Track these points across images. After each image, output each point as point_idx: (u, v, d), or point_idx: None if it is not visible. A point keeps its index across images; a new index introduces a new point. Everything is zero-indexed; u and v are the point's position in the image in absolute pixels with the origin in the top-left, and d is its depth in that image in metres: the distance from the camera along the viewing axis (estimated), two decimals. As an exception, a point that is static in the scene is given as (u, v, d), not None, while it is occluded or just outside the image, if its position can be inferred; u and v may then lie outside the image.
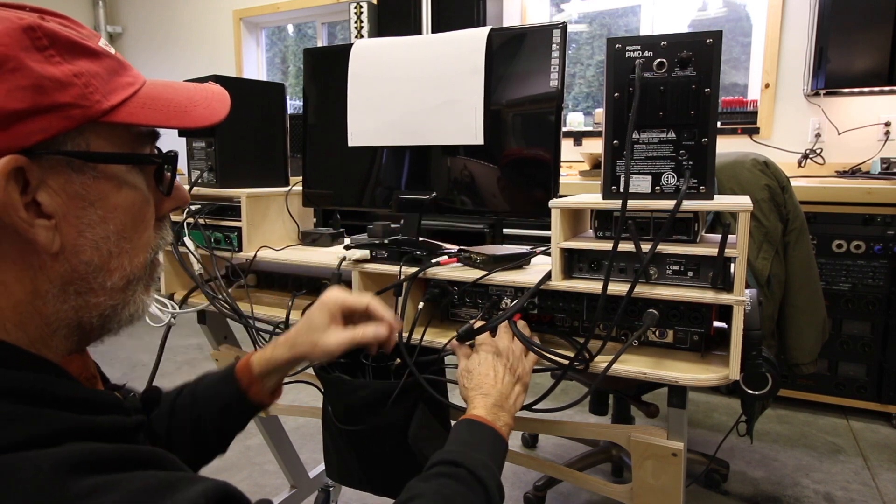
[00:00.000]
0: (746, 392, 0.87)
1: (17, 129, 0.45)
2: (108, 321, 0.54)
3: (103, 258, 0.52)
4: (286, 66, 4.78)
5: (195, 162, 1.37)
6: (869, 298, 2.26)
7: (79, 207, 0.50)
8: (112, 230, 0.52)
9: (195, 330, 1.59)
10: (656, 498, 0.94)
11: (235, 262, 1.29)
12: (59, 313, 0.51)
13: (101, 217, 0.51)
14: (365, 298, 0.90)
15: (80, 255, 0.50)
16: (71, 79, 0.48)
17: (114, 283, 0.53)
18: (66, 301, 0.51)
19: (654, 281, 0.89)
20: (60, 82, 0.47)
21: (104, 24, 4.90)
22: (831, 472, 2.00)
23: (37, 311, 0.50)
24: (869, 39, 2.53)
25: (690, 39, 0.83)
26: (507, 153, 1.10)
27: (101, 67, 0.51)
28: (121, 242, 0.53)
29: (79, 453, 0.42)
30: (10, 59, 0.44)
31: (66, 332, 0.52)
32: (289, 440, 1.72)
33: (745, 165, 1.61)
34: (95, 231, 0.51)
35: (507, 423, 0.81)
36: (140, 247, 0.55)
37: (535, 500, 1.81)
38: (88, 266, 0.51)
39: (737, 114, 3.07)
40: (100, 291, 0.52)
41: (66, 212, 0.49)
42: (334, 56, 1.26)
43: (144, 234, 0.56)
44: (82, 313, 0.52)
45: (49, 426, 0.43)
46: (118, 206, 0.52)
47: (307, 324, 0.87)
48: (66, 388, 0.48)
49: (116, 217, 0.52)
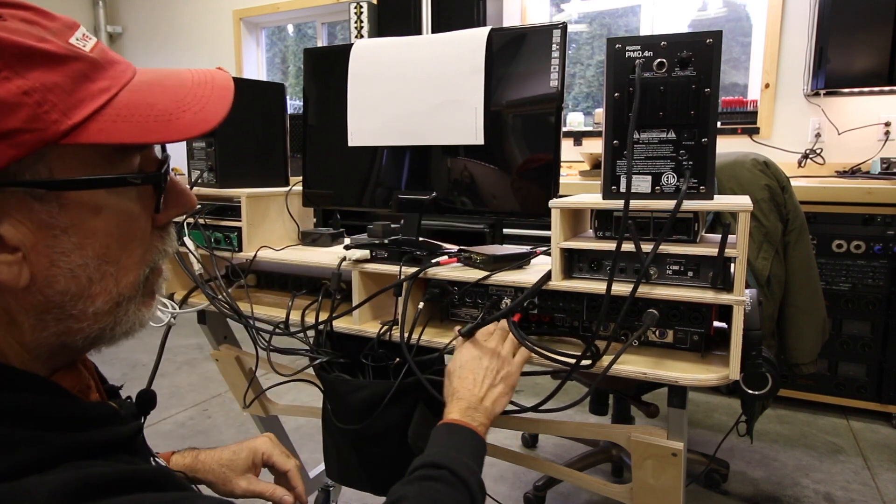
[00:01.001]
0: (746, 392, 0.87)
1: None
2: (96, 341, 0.51)
3: (82, 286, 0.47)
4: (286, 66, 4.78)
5: (195, 162, 1.37)
6: (869, 298, 2.26)
7: (49, 237, 0.45)
8: (91, 255, 0.47)
9: (195, 330, 1.59)
10: (656, 498, 0.94)
11: (235, 262, 1.29)
12: (40, 340, 0.47)
13: (77, 244, 0.46)
14: (290, 464, 0.92)
15: (54, 285, 0.46)
16: (19, 98, 0.41)
17: (97, 308, 0.49)
18: (46, 329, 0.47)
19: (654, 281, 0.89)
20: (5, 104, 0.40)
21: (104, 24, 4.90)
22: (831, 472, 2.00)
23: (15, 339, 0.47)
24: (869, 39, 2.53)
25: (690, 39, 0.83)
26: (507, 153, 1.10)
27: (64, 76, 0.43)
28: (103, 266, 0.48)
29: (75, 480, 0.40)
30: None
31: (48, 354, 0.49)
32: (289, 440, 1.72)
33: (745, 165, 1.61)
34: (71, 259, 0.46)
35: (483, 422, 0.83)
36: (129, 266, 0.50)
37: (535, 500, 1.81)
38: (64, 295, 0.47)
39: (737, 114, 3.07)
40: (81, 317, 0.48)
41: (34, 242, 0.44)
42: (334, 56, 1.26)
43: (136, 253, 0.51)
44: (65, 338, 0.48)
45: (45, 449, 0.42)
46: (97, 230, 0.47)
47: (231, 458, 0.88)
48: (60, 406, 0.46)
49: (96, 242, 0.47)
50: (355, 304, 1.10)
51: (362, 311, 1.11)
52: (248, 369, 1.47)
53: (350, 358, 1.11)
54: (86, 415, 0.47)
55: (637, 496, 0.96)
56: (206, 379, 2.86)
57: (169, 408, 2.53)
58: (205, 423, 2.42)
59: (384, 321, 1.09)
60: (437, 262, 1.07)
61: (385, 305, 1.16)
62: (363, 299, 1.10)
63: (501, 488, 1.92)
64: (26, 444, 0.41)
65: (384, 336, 1.06)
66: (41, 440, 0.42)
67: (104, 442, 0.46)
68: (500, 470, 2.00)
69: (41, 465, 0.40)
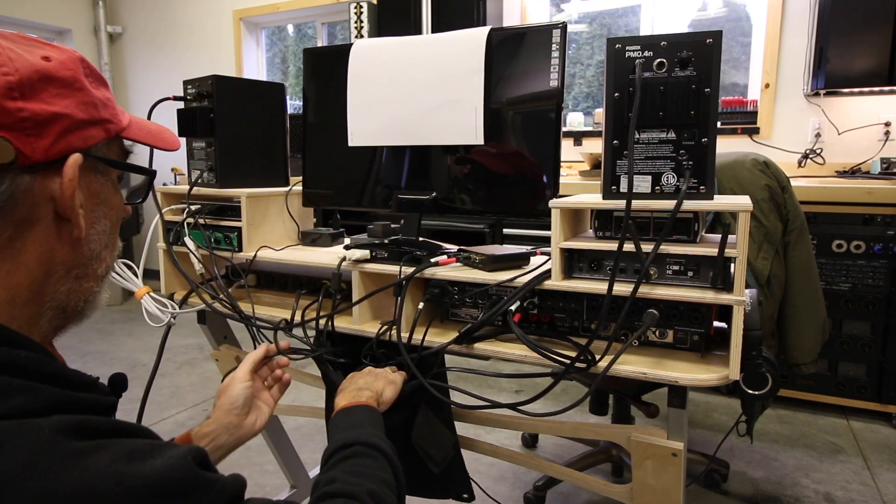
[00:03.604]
0: (746, 392, 0.87)
1: (80, 134, 0.56)
2: (87, 306, 0.62)
3: (100, 248, 0.61)
4: (286, 66, 4.78)
5: (195, 162, 1.37)
6: (869, 298, 2.26)
7: (94, 203, 0.60)
8: (108, 226, 0.62)
9: (195, 330, 1.59)
10: (656, 498, 0.94)
11: (235, 262, 1.29)
12: (56, 293, 0.58)
13: (105, 213, 0.61)
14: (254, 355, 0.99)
15: (90, 243, 0.59)
16: (106, 101, 0.60)
17: (101, 271, 0.62)
18: (66, 283, 0.58)
19: (654, 281, 0.89)
20: (102, 102, 0.59)
21: (104, 24, 4.90)
22: (831, 472, 2.00)
23: (42, 289, 0.56)
24: (869, 39, 2.53)
25: (690, 39, 0.83)
26: (507, 153, 1.10)
27: (112, 96, 0.63)
28: (110, 237, 0.63)
29: (74, 421, 0.46)
30: (77, 80, 0.57)
31: (52, 314, 0.58)
32: (289, 440, 1.72)
33: (745, 165, 1.61)
34: (100, 225, 0.61)
35: (371, 396, 0.91)
36: (115, 244, 0.65)
37: (535, 500, 1.81)
38: (91, 253, 0.60)
39: (737, 114, 3.07)
40: (91, 276, 0.61)
41: (86, 205, 0.58)
42: (334, 56, 1.26)
43: (117, 234, 0.66)
44: (72, 296, 0.59)
45: (39, 399, 0.47)
46: (114, 206, 0.63)
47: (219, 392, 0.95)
48: (54, 366, 0.52)
49: (111, 215, 0.63)
50: (355, 301, 1.10)
51: (362, 311, 1.11)
52: (248, 369, 1.47)
53: (351, 358, 1.11)
54: (72, 377, 0.53)
55: (637, 496, 0.96)
56: (206, 379, 2.86)
57: (169, 408, 2.53)
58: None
59: (384, 321, 1.09)
60: (437, 262, 1.07)
61: (385, 305, 1.16)
62: (362, 297, 1.10)
63: (501, 488, 1.92)
64: (22, 392, 0.46)
65: (384, 336, 1.06)
66: (35, 390, 0.47)
67: (90, 403, 0.51)
68: (500, 470, 2.00)
69: (36, 413, 0.45)
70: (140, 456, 0.47)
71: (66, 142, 0.55)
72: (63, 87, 0.55)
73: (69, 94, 0.56)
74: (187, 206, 1.32)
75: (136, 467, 0.45)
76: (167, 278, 1.40)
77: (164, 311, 1.23)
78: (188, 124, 1.33)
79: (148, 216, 4.74)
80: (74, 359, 3.10)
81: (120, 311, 4.13)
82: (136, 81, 5.02)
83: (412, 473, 1.07)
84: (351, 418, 0.85)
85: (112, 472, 0.44)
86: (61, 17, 4.71)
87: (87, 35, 4.90)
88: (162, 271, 1.40)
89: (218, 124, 1.31)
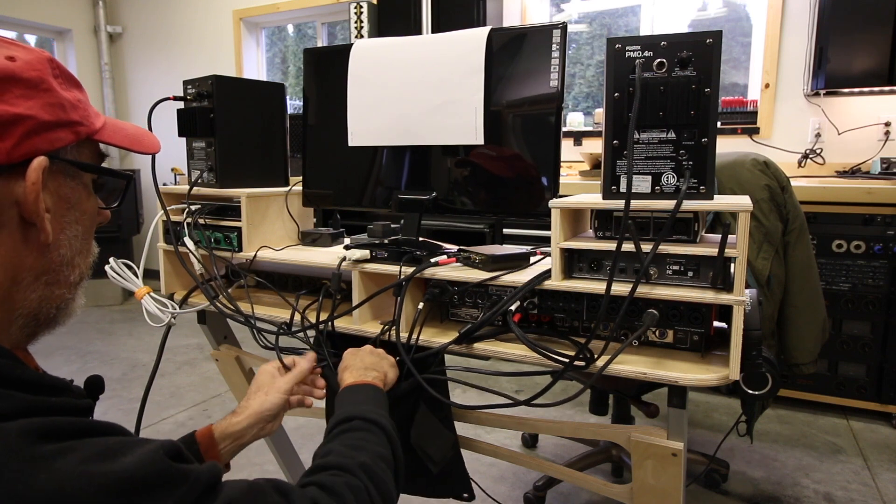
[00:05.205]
0: (746, 392, 0.87)
1: (46, 136, 0.55)
2: (59, 313, 0.61)
3: (72, 254, 0.60)
4: (286, 66, 4.78)
5: (195, 162, 1.37)
6: (869, 298, 2.26)
7: (64, 208, 0.59)
8: (80, 231, 0.61)
9: (195, 330, 1.59)
10: (656, 498, 0.94)
11: (235, 262, 1.29)
12: (26, 301, 0.57)
13: (76, 219, 0.60)
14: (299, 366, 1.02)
15: (60, 248, 0.58)
16: (76, 102, 0.59)
17: (74, 278, 0.61)
18: (36, 290, 0.57)
19: (654, 281, 0.89)
20: (72, 104, 0.58)
21: (104, 24, 4.90)
22: (831, 472, 2.00)
23: (9, 297, 0.55)
24: (869, 39, 2.53)
25: (690, 39, 0.83)
26: (507, 153, 1.10)
27: (86, 98, 0.62)
28: (83, 243, 0.62)
29: (41, 424, 0.46)
30: (43, 81, 0.56)
31: (23, 321, 0.58)
32: (289, 440, 1.72)
33: (745, 165, 1.61)
34: (71, 230, 0.60)
35: (377, 376, 0.91)
36: (90, 250, 0.64)
37: (535, 500, 1.81)
38: (62, 260, 0.59)
39: (737, 114, 3.07)
40: (63, 283, 0.60)
41: (55, 210, 0.57)
42: (334, 56, 1.26)
43: (91, 240, 0.65)
44: (43, 303, 0.58)
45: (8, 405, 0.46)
46: (86, 211, 0.62)
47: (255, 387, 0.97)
48: (22, 371, 0.51)
49: (84, 220, 0.62)
50: (355, 304, 1.10)
51: (362, 311, 1.11)
52: (248, 369, 1.47)
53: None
54: (43, 382, 0.52)
55: (637, 496, 0.96)
56: (206, 379, 2.86)
57: (169, 408, 2.53)
58: (205, 423, 2.41)
59: (384, 321, 1.09)
60: (436, 262, 1.07)
61: (385, 306, 1.16)
62: (363, 299, 1.10)
63: (501, 488, 1.92)
64: None
65: (384, 336, 1.06)
66: (4, 396, 0.47)
67: (61, 407, 0.50)
68: (500, 470, 2.00)
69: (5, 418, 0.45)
70: (111, 454, 0.47)
71: (30, 144, 0.53)
72: (28, 88, 0.54)
73: (34, 95, 0.54)
74: (187, 206, 1.32)
75: (107, 466, 0.46)
76: (167, 278, 1.40)
77: (164, 311, 1.23)
78: (188, 124, 1.33)
79: (148, 216, 4.74)
80: (74, 359, 3.10)
81: (120, 311, 4.13)
82: (136, 81, 5.02)
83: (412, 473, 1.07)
84: (356, 395, 0.86)
85: (82, 472, 0.44)
86: (61, 17, 4.71)
87: (87, 35, 4.90)
88: (162, 271, 1.40)
89: (218, 124, 1.31)
